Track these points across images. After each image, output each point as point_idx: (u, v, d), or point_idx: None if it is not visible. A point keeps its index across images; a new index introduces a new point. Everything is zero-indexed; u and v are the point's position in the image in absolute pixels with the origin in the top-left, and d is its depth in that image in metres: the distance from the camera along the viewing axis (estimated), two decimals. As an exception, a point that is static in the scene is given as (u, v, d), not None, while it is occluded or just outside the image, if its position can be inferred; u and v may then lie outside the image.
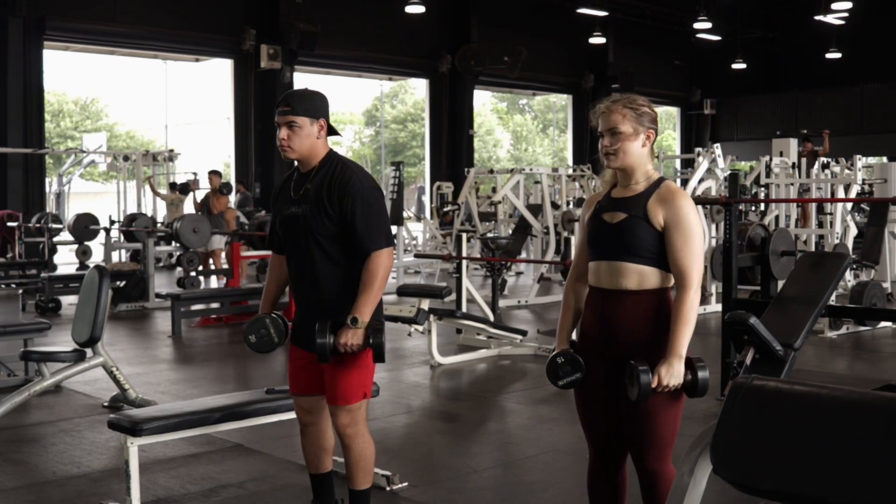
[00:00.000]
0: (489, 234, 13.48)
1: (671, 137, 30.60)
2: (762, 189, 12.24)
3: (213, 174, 13.62)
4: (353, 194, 3.13)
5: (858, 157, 11.41)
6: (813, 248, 10.20)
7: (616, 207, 2.71)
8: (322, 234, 3.15)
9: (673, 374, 2.57)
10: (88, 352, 5.10)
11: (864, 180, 12.85)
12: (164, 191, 15.47)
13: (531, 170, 13.60)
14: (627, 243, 2.66)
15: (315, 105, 3.20)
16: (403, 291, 7.31)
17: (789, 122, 24.84)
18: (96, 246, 13.81)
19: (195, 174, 15.55)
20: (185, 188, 14.92)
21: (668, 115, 30.21)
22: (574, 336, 2.87)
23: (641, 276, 2.66)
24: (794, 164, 11.63)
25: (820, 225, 10.84)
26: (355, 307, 3.08)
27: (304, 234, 3.19)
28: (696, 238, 2.65)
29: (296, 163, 3.32)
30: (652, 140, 2.73)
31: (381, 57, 20.33)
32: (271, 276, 3.44)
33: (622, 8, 22.51)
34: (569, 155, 25.24)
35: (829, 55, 24.14)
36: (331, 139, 3.30)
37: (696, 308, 2.64)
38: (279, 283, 3.45)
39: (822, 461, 1.36)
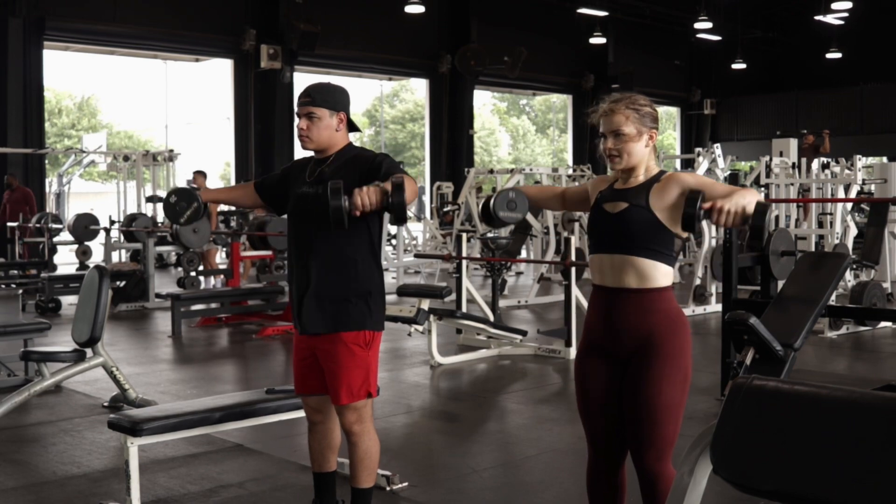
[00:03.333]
0: (489, 234, 13.47)
1: (671, 137, 30.61)
2: (762, 189, 12.24)
3: (200, 175, 13.58)
4: (373, 158, 3.16)
5: (858, 157, 11.41)
6: (813, 249, 10.20)
7: (617, 197, 2.73)
8: None
9: (733, 200, 2.48)
10: (88, 352, 5.10)
11: (863, 181, 12.84)
12: (163, 194, 15.50)
13: (531, 170, 13.60)
14: (628, 234, 2.66)
15: (335, 98, 3.22)
16: (403, 291, 7.31)
17: (789, 122, 24.84)
18: (96, 246, 13.81)
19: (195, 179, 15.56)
20: None
21: (668, 115, 30.21)
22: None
23: (643, 271, 2.66)
24: (794, 164, 11.62)
25: (820, 225, 10.84)
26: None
27: (315, 212, 3.17)
28: (715, 181, 2.74)
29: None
30: (654, 139, 2.74)
31: (381, 57, 20.33)
32: (234, 187, 3.69)
33: (622, 8, 22.51)
34: (569, 155, 25.25)
35: (829, 55, 24.14)
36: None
37: (757, 198, 2.55)
38: (233, 195, 3.71)
39: (822, 461, 1.36)
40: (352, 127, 3.29)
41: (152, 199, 14.94)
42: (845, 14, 21.43)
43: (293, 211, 3.31)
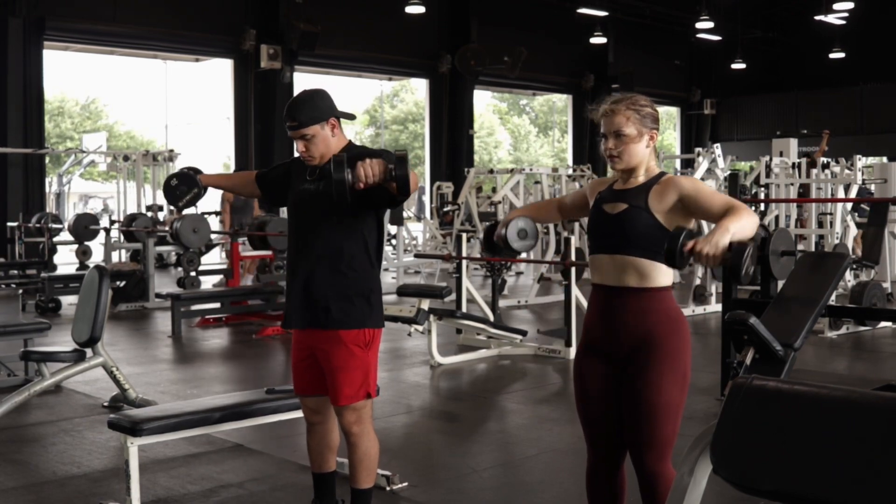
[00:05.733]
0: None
1: (671, 137, 30.62)
2: (762, 189, 12.24)
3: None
4: (372, 153, 3.13)
5: (858, 157, 11.41)
6: (813, 248, 10.20)
7: (617, 198, 2.73)
8: (334, 212, 3.14)
9: (711, 241, 2.38)
10: (88, 352, 5.10)
11: (863, 181, 12.84)
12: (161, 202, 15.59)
13: (531, 170, 13.59)
14: (628, 234, 2.66)
15: (319, 109, 3.18)
16: (403, 291, 7.30)
17: (789, 122, 24.86)
18: (96, 246, 13.81)
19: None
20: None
21: (668, 115, 30.19)
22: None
23: (643, 270, 2.66)
24: (794, 164, 11.63)
25: (820, 225, 10.84)
26: None
27: (316, 208, 3.18)
28: (714, 190, 2.70)
29: None
30: (655, 140, 2.74)
31: (381, 57, 20.34)
32: (234, 174, 3.76)
33: (622, 8, 22.51)
34: (569, 155, 25.26)
35: (829, 55, 24.14)
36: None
37: (752, 220, 2.48)
38: (233, 182, 3.76)
39: (822, 461, 1.36)
40: (344, 116, 3.27)
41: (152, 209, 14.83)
42: (846, 14, 21.42)
43: (294, 207, 3.31)
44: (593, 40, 22.47)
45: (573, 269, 7.25)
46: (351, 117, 3.34)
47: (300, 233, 3.26)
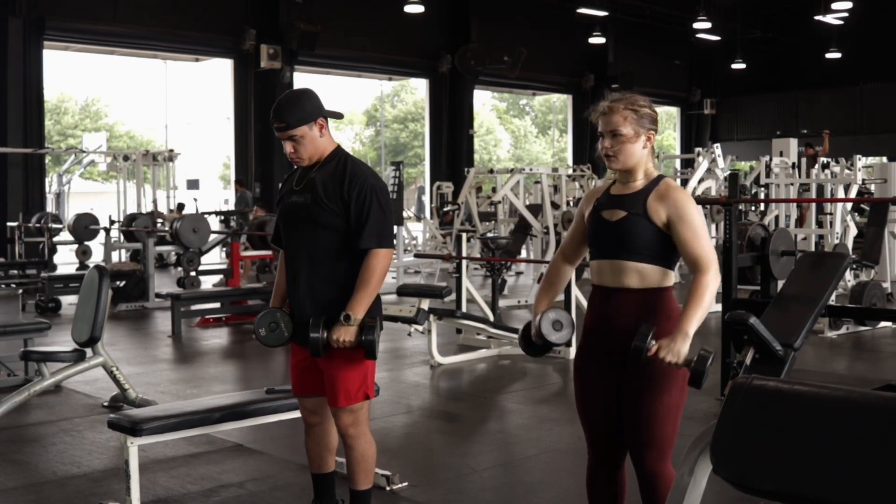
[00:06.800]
0: (489, 234, 13.47)
1: (671, 137, 30.62)
2: (762, 189, 12.24)
3: (238, 183, 13.79)
4: (360, 188, 3.12)
5: (858, 157, 11.41)
6: (813, 248, 10.20)
7: (615, 205, 2.71)
8: (323, 224, 3.13)
9: (673, 350, 2.50)
10: (88, 352, 5.10)
11: (863, 181, 12.84)
12: (163, 194, 15.58)
13: (531, 170, 13.60)
14: (627, 241, 2.65)
15: (306, 109, 3.15)
16: (403, 291, 7.30)
17: (789, 122, 24.86)
18: (96, 246, 13.81)
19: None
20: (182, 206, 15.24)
21: (668, 115, 30.20)
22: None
23: (643, 274, 2.65)
24: (793, 164, 11.63)
25: (820, 225, 10.84)
26: (350, 304, 3.07)
27: (304, 222, 3.17)
28: (702, 227, 2.66)
29: None
30: (652, 141, 2.73)
31: (381, 57, 20.34)
32: (282, 271, 3.38)
33: (622, 8, 22.53)
34: (569, 155, 25.27)
35: (829, 55, 24.15)
36: (333, 123, 3.29)
37: (713, 291, 2.58)
38: (283, 272, 3.43)
39: (822, 461, 1.36)
40: (331, 115, 3.23)
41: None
42: (845, 14, 21.43)
43: (283, 219, 3.28)
44: (593, 40, 22.48)
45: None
46: (338, 116, 3.31)
47: (291, 244, 3.24)
